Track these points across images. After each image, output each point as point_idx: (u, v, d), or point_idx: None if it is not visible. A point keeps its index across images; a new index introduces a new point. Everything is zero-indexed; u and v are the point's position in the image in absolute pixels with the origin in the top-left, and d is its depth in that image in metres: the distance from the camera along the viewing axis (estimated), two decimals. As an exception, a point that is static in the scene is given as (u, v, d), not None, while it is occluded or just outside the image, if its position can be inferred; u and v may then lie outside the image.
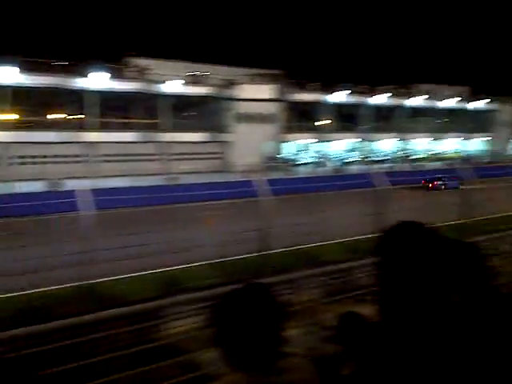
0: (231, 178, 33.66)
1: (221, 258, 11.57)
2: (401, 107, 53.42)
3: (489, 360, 1.43)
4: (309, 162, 47.27)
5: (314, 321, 7.27)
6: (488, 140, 60.85)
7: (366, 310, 1.88)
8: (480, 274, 1.93)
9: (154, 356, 6.39)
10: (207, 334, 1.60)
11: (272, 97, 43.55)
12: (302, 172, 42.98)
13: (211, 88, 41.17)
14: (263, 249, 9.19)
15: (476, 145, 60.44)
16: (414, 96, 54.13)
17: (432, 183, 32.08)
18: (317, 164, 46.20)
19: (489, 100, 59.52)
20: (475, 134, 59.59)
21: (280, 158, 45.18)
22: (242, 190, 11.72)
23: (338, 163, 47.27)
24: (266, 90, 43.12)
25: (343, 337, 1.78)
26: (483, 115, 59.56)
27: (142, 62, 40.38)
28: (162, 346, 6.60)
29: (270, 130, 43.55)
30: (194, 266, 11.80)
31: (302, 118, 48.35)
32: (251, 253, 10.09)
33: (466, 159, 51.69)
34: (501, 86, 77.37)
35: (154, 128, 39.12)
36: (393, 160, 50.67)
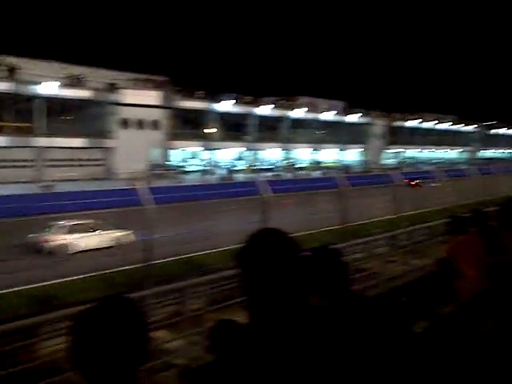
0: (113, 185, 32.15)
1: (97, 270, 10.82)
2: (284, 118, 55.85)
3: (351, 362, 1.49)
4: (196, 169, 47.19)
5: (199, 330, 7.16)
6: (363, 151, 66.06)
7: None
8: (341, 279, 2.00)
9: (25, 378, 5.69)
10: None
11: (157, 103, 42.74)
12: (190, 180, 42.71)
13: (92, 91, 39.15)
14: (147, 259, 8.85)
15: (352, 155, 65.23)
16: (296, 108, 56.94)
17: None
18: (204, 172, 46.26)
19: (362, 114, 64.82)
20: (351, 145, 64.32)
21: (167, 165, 44.46)
22: (123, 199, 11.14)
23: (226, 171, 47.82)
24: (150, 96, 42.20)
25: (216, 346, 1.77)
26: (358, 128, 64.66)
27: (12, 60, 36.99)
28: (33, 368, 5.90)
29: (155, 136, 42.69)
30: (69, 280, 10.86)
31: (189, 126, 48.22)
32: (135, 263, 9.63)
33: (344, 168, 55.59)
34: (373, 101, 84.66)
35: (29, 132, 36.06)
36: (278, 169, 52.65)
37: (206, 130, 49.37)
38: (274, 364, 1.37)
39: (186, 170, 46.69)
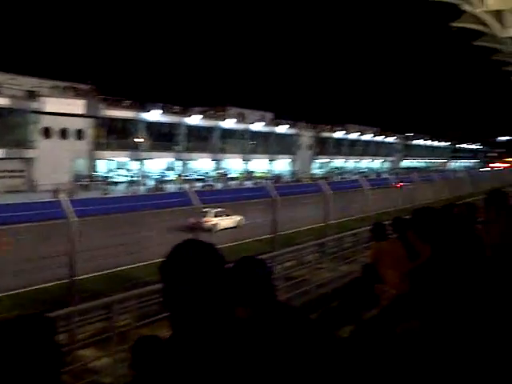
0: (34, 198, 30.35)
1: (17, 288, 10.16)
2: (214, 128, 55.85)
3: (275, 371, 1.49)
4: (124, 180, 45.87)
5: (127, 347, 6.88)
6: (292, 161, 67.48)
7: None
8: (265, 289, 2.00)
9: None
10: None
11: (81, 112, 41.16)
12: (118, 191, 41.38)
13: (10, 99, 36.93)
14: (71, 274, 8.41)
15: (282, 165, 66.44)
16: (226, 118, 57.21)
17: None
18: (133, 183, 45.06)
19: (290, 125, 66.34)
20: (281, 156, 65.52)
21: (93, 176, 42.84)
22: (43, 212, 10.56)
23: (155, 182, 46.91)
24: (74, 104, 40.53)
25: (136, 363, 1.75)
26: (287, 138, 66.07)
27: None
28: None
29: (80, 146, 41.02)
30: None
31: (116, 135, 46.78)
32: (58, 279, 9.14)
33: (274, 178, 56.54)
34: (300, 113, 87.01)
35: None
36: (209, 179, 52.46)
37: (133, 140, 48.20)
38: (193, 378, 1.34)
39: (114, 180, 45.23)
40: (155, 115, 48.98)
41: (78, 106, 40.97)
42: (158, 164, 51.70)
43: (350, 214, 18.01)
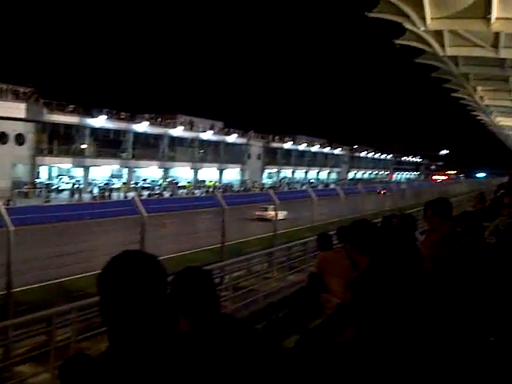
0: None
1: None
2: (163, 136, 55.09)
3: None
4: (68, 187, 44.28)
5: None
6: (242, 170, 67.62)
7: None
8: (208, 301, 1.98)
9: None
10: None
11: (22, 116, 39.43)
12: (61, 199, 39.86)
13: None
14: (8, 286, 7.98)
15: (232, 174, 66.43)
16: (175, 126, 56.61)
17: None
18: (77, 190, 43.55)
19: (239, 135, 66.54)
20: (231, 165, 65.53)
21: (35, 183, 41.05)
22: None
23: (100, 189, 45.57)
24: (13, 108, 38.75)
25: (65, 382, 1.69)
26: (237, 148, 66.24)
27: None
28: None
29: (20, 151, 39.23)
30: None
31: (61, 141, 45.13)
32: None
33: (224, 187, 56.43)
34: (251, 122, 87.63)
35: None
36: (158, 187, 51.55)
37: (78, 146, 46.69)
38: None
39: (56, 187, 43.56)
40: (101, 121, 47.70)
41: (18, 109, 39.23)
42: (103, 171, 50.32)
43: (299, 223, 18.26)
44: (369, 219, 3.26)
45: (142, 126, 52.11)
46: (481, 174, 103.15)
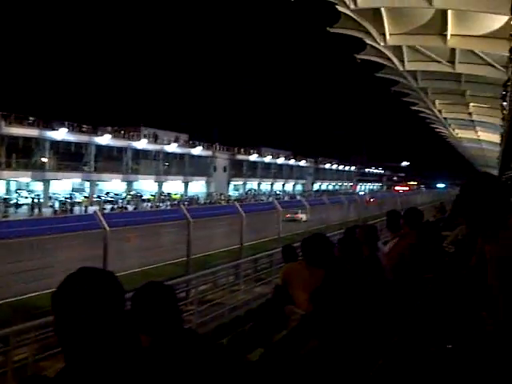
0: None
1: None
2: (127, 149, 54.31)
3: None
4: (28, 202, 42.87)
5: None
6: (208, 182, 67.31)
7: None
8: (171, 316, 1.94)
9: None
10: None
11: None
12: (19, 214, 38.58)
13: None
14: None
15: (198, 187, 66.02)
16: (139, 139, 55.95)
17: None
18: (37, 205, 42.22)
19: (204, 147, 66.36)
20: (196, 177, 65.14)
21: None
22: None
23: (61, 204, 44.34)
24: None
25: None
26: (203, 160, 65.99)
27: None
28: None
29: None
30: None
31: (19, 154, 43.78)
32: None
33: (190, 200, 55.99)
34: (215, 135, 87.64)
35: None
36: (121, 200, 50.60)
37: (38, 159, 45.41)
38: None
39: (15, 202, 42.13)
40: (61, 134, 46.59)
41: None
42: (64, 185, 49.08)
43: (265, 235, 18.28)
44: (334, 229, 3.29)
45: (105, 139, 51.22)
46: (441, 185, 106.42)
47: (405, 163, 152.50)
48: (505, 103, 12.81)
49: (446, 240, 7.51)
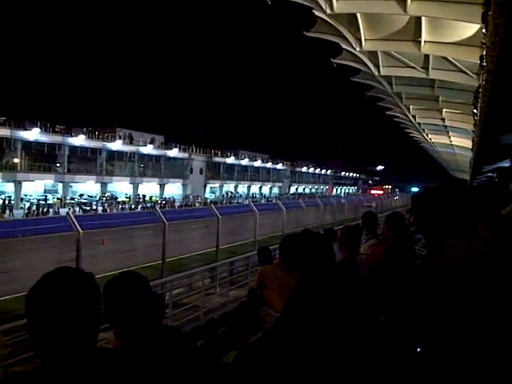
0: None
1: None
2: (101, 150, 53.52)
3: None
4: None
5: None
6: (184, 185, 66.78)
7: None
8: (145, 310, 1.85)
9: None
10: None
11: None
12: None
13: None
14: None
15: (174, 189, 65.46)
16: (114, 140, 55.20)
17: None
18: (8, 206, 41.15)
19: (180, 149, 65.89)
20: (173, 179, 64.59)
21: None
22: None
23: (32, 205, 43.33)
24: None
25: None
26: (179, 162, 65.49)
27: None
28: None
29: None
30: None
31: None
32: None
33: (166, 202, 55.44)
34: (192, 137, 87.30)
35: None
36: (95, 202, 49.76)
37: (9, 160, 44.33)
38: None
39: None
40: (34, 134, 45.60)
41: None
42: (37, 186, 48.04)
43: (241, 238, 18.24)
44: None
45: (79, 140, 50.34)
46: (415, 189, 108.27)
47: (380, 167, 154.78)
48: (475, 110, 13.12)
49: (419, 243, 7.64)
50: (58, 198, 47.13)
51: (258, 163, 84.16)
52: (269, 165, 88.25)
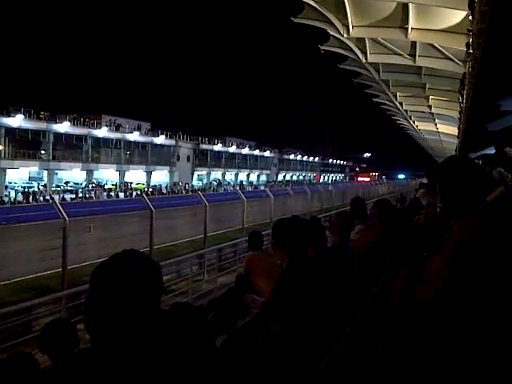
0: None
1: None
2: (87, 137, 52.86)
3: None
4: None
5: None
6: (171, 172, 66.39)
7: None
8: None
9: None
10: None
11: None
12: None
13: None
14: None
15: (161, 176, 65.04)
16: (100, 127, 54.54)
17: None
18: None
19: (167, 136, 65.36)
20: (160, 167, 64.15)
21: None
22: None
23: (21, 193, 42.84)
24: None
25: None
26: (166, 149, 64.99)
27: None
28: None
29: None
30: None
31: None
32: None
33: (153, 189, 55.16)
34: (179, 124, 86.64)
35: None
36: (81, 189, 49.30)
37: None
38: None
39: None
40: (18, 120, 44.85)
41: None
42: (21, 174, 47.41)
43: (229, 225, 18.24)
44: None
45: (64, 126, 49.62)
46: (401, 176, 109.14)
47: (367, 154, 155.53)
48: (461, 98, 13.21)
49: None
50: (43, 186, 46.61)
51: (245, 150, 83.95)
52: (256, 152, 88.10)
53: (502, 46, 5.78)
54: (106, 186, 53.64)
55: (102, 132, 54.41)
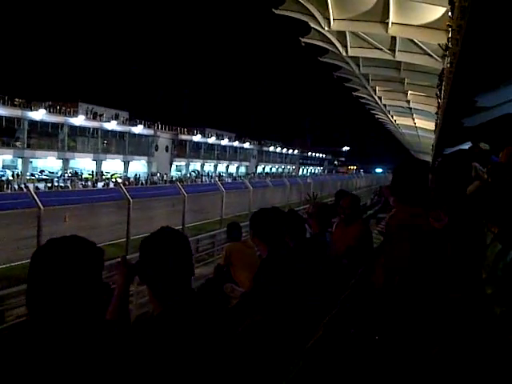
0: None
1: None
2: (64, 125, 51.84)
3: None
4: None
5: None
6: (149, 162, 65.68)
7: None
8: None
9: None
10: None
11: None
12: None
13: None
14: None
15: (139, 166, 64.29)
16: (77, 115, 53.51)
17: None
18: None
19: (146, 125, 64.56)
20: (137, 157, 63.40)
21: None
22: None
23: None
24: None
25: None
26: (144, 139, 64.23)
27: None
28: None
29: None
30: None
31: None
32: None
33: (130, 179, 54.57)
34: (157, 114, 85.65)
35: None
36: (55, 178, 48.42)
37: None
38: None
39: None
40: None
41: None
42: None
43: (207, 216, 18.19)
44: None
45: (39, 114, 48.53)
46: (379, 170, 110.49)
47: (345, 148, 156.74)
48: (439, 93, 13.39)
49: (382, 222, 7.82)
50: (17, 174, 45.61)
51: (224, 142, 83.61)
52: (236, 143, 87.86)
53: (481, 43, 5.87)
54: (81, 176, 52.76)
55: (79, 120, 53.38)
